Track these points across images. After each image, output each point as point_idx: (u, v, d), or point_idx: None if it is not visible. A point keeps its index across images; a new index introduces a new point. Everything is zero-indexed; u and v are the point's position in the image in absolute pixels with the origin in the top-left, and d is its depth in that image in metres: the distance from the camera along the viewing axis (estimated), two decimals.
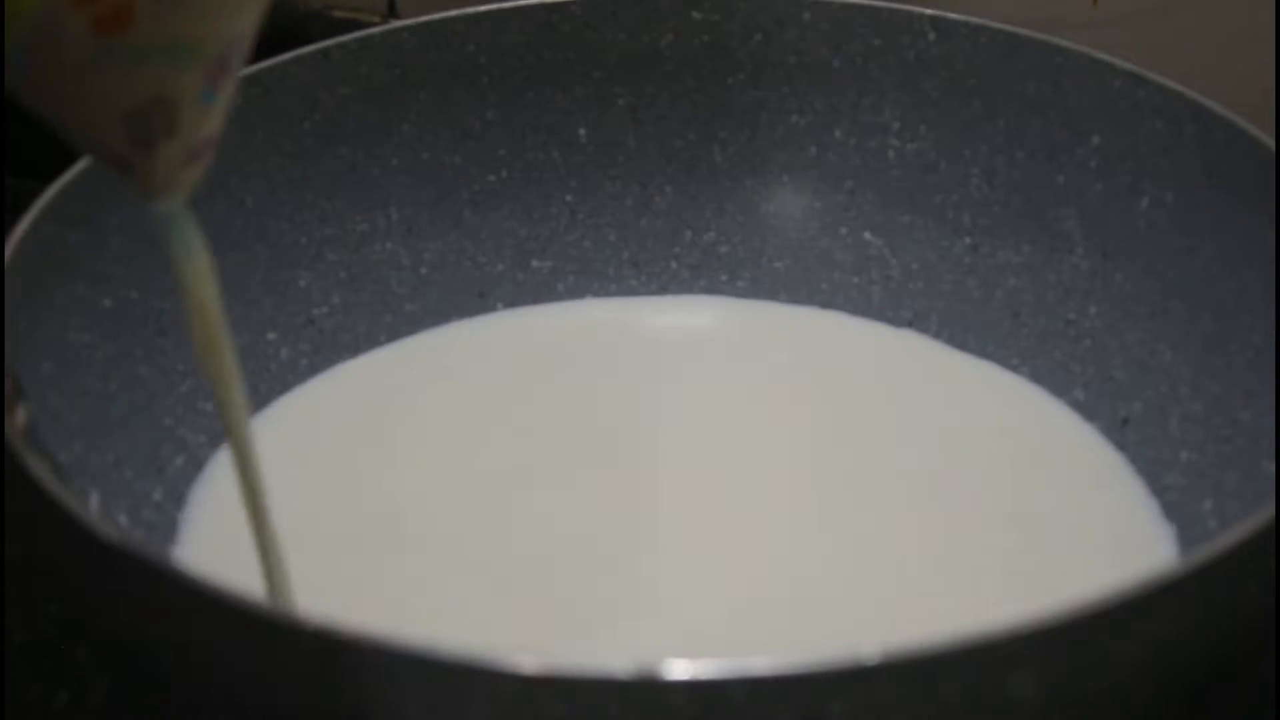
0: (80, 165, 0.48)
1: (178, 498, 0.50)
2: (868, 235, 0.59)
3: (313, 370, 0.56)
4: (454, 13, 0.57)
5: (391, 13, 0.71)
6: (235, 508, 0.39)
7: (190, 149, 0.36)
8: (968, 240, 0.58)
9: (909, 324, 0.58)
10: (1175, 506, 0.50)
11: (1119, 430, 0.53)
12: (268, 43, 0.56)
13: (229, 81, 0.35)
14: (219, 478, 0.51)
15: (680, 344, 0.58)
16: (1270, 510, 0.37)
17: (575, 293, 0.60)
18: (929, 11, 0.56)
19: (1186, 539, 0.49)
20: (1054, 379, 0.55)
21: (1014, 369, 0.56)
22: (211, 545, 0.48)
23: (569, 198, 0.60)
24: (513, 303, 0.59)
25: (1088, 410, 0.54)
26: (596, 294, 0.60)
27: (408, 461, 0.52)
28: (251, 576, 0.39)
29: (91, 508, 0.46)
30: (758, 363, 0.57)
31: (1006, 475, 0.51)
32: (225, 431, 0.39)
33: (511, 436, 0.53)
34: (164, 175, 0.36)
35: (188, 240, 0.37)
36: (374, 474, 0.51)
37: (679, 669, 0.32)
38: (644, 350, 0.58)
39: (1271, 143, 0.48)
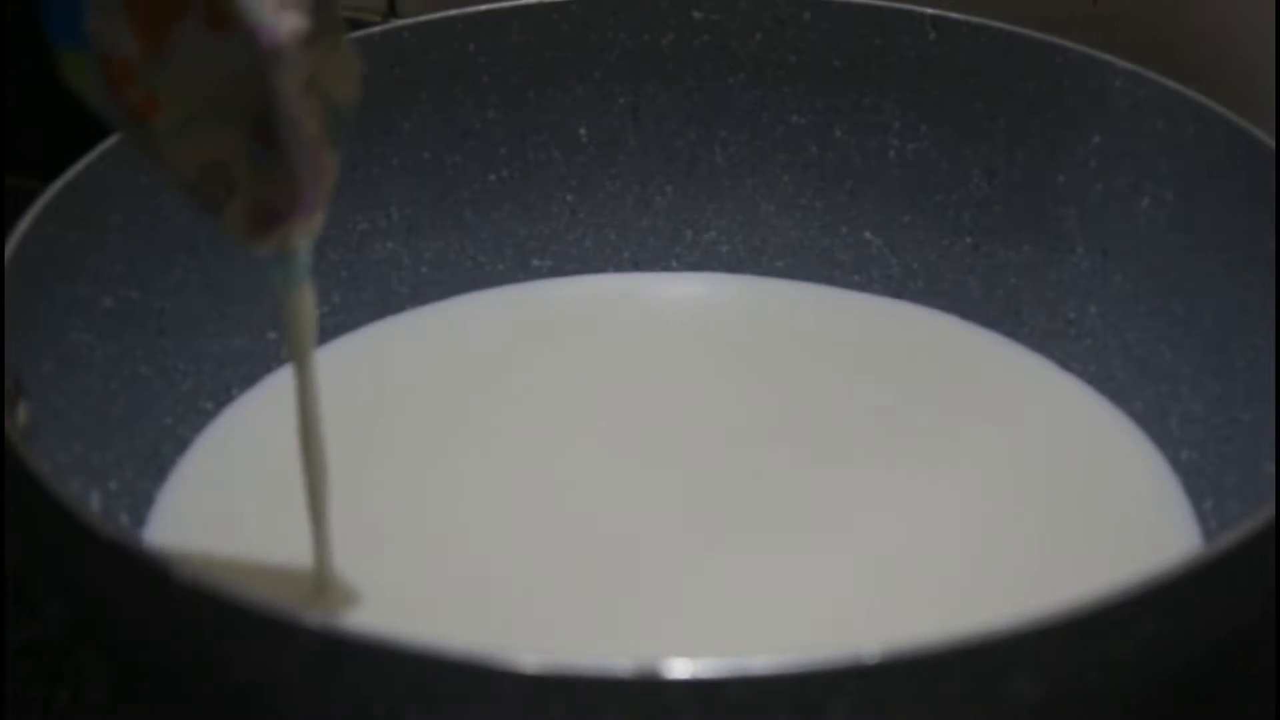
0: (80, 165, 0.48)
1: None
2: (868, 235, 0.59)
3: None
4: (454, 12, 0.57)
5: (391, 12, 0.71)
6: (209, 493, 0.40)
7: (261, 210, 0.39)
8: (968, 240, 0.58)
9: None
10: None
11: None
12: None
13: (288, 147, 0.38)
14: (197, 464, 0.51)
15: (682, 317, 0.59)
16: (1270, 510, 0.37)
17: None
18: (929, 11, 0.56)
19: None
20: None
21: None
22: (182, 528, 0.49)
23: (569, 197, 0.60)
24: None
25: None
26: None
27: (406, 440, 0.52)
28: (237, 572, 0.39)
29: (91, 508, 0.46)
30: (758, 339, 0.57)
31: (1025, 459, 0.52)
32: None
33: (506, 413, 0.53)
34: (242, 233, 0.39)
35: (289, 281, 0.41)
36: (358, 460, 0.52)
37: (679, 668, 0.32)
38: (645, 322, 0.58)
39: (1271, 143, 0.48)
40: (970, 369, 0.56)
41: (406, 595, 0.46)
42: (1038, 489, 0.50)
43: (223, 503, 0.50)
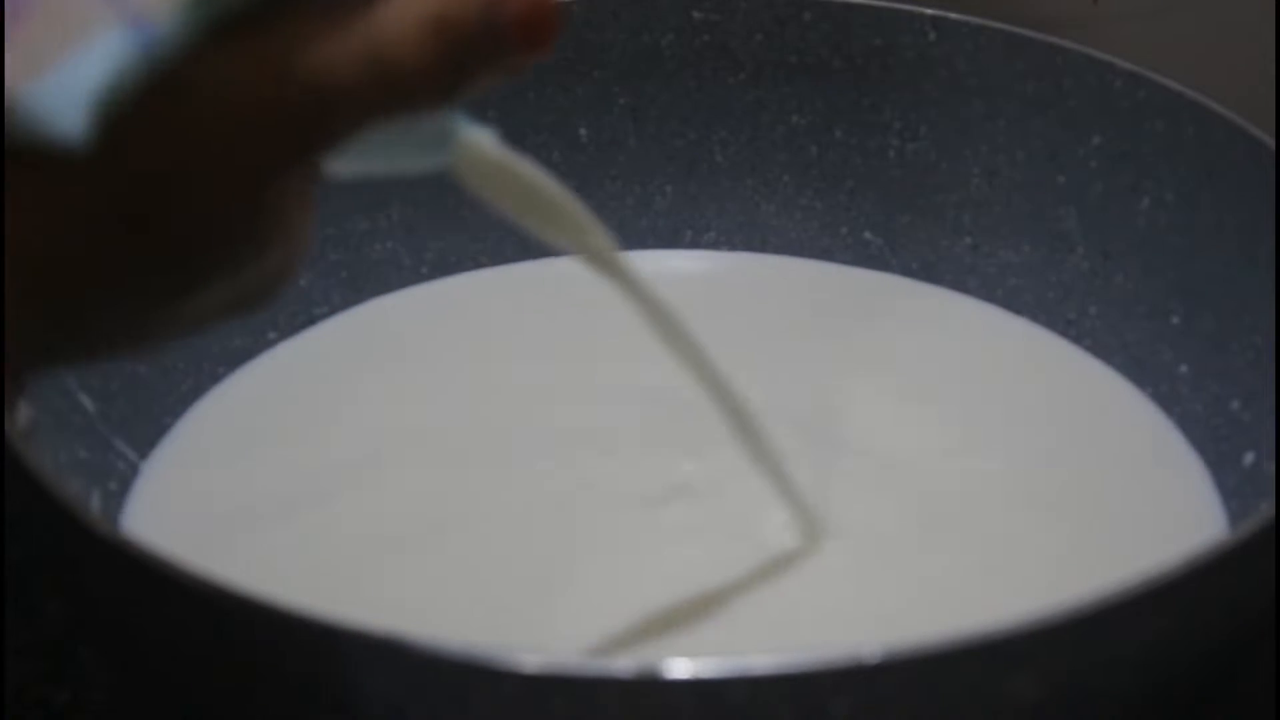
0: None
1: None
2: (868, 235, 0.59)
3: None
4: None
5: None
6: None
7: None
8: (968, 240, 0.58)
9: None
10: None
11: None
12: None
13: None
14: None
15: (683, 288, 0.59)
16: (1270, 510, 0.37)
17: None
18: (929, 11, 0.56)
19: None
20: None
21: None
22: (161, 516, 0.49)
23: None
24: None
25: None
26: None
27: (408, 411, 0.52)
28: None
29: (91, 508, 0.46)
30: (760, 315, 0.57)
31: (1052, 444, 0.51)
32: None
33: (499, 385, 0.53)
34: None
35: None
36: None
37: (679, 668, 0.32)
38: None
39: (1271, 143, 0.48)
40: (975, 343, 0.56)
41: (402, 585, 0.46)
42: (1061, 472, 0.50)
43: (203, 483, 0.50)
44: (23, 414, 0.42)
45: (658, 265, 0.60)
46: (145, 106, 0.27)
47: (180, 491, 0.50)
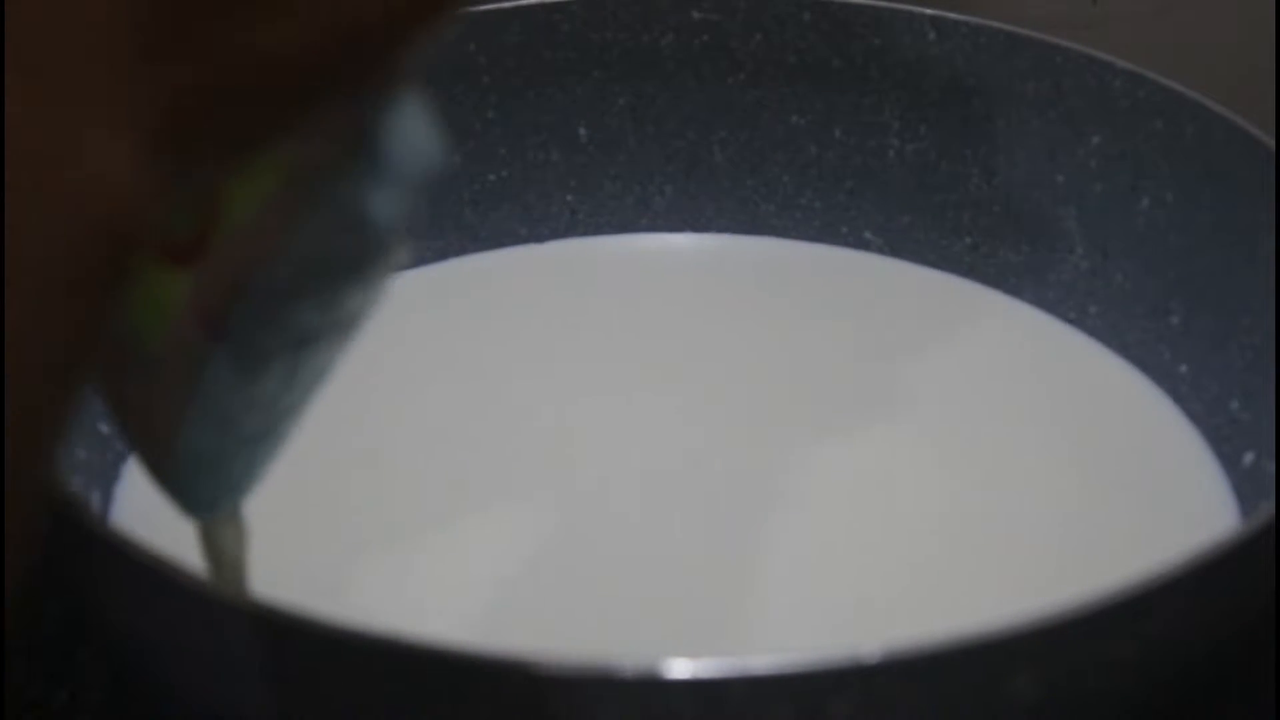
0: None
1: None
2: (868, 235, 0.59)
3: None
4: None
5: None
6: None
7: None
8: (968, 240, 0.58)
9: None
10: None
11: None
12: None
13: None
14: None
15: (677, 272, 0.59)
16: (1270, 510, 0.37)
17: None
18: (929, 11, 0.56)
19: None
20: None
21: None
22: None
23: (569, 198, 0.60)
24: None
25: None
26: None
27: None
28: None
29: (91, 508, 0.46)
30: (759, 302, 0.57)
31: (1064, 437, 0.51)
32: None
33: (485, 375, 0.53)
34: None
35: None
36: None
37: (679, 668, 0.32)
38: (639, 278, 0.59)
39: (1271, 143, 0.48)
40: (976, 330, 0.56)
41: (404, 577, 0.46)
42: (1069, 462, 0.50)
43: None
44: None
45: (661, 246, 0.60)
46: None
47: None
